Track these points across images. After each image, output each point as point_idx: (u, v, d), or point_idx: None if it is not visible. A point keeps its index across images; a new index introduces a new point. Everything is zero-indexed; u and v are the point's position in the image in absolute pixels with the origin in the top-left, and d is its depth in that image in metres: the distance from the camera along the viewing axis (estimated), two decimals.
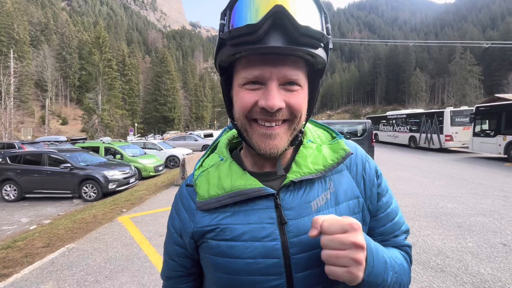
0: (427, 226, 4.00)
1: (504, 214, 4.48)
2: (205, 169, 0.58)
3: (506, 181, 7.03)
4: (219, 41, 0.47)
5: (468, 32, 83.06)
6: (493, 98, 20.70)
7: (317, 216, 0.44)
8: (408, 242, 0.62)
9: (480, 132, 11.79)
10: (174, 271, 0.62)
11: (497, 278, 2.63)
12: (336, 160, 0.54)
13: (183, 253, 0.58)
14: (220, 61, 0.48)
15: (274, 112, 0.45)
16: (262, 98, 0.45)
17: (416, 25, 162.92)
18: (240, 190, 0.51)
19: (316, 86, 0.53)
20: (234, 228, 0.50)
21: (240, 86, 0.48)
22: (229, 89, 0.53)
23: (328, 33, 0.45)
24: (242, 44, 0.43)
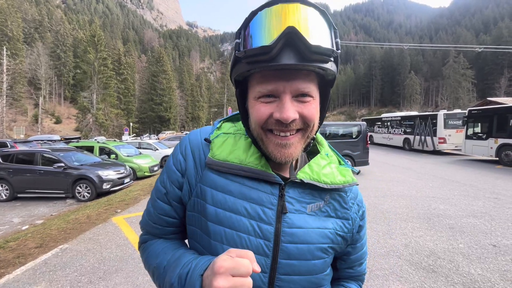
0: (420, 227, 4.06)
1: (495, 216, 4.57)
2: (226, 132, 0.60)
3: (497, 183, 7.17)
4: (234, 58, 0.50)
5: (461, 36, 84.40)
6: (485, 101, 21.08)
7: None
8: (365, 270, 0.71)
9: (473, 135, 12.01)
10: (165, 215, 0.60)
11: (487, 279, 2.68)
12: (343, 183, 0.59)
13: (179, 197, 0.58)
14: (236, 75, 0.52)
15: (289, 123, 0.48)
16: (277, 111, 0.48)
17: (411, 29, 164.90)
18: (253, 168, 0.54)
19: (326, 95, 0.56)
20: (235, 202, 0.53)
21: (255, 99, 0.51)
22: (244, 101, 0.56)
23: (338, 48, 0.47)
24: (257, 62, 0.46)
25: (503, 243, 3.50)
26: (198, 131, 0.63)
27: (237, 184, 0.54)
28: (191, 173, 0.57)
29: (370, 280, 2.65)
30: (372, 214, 4.68)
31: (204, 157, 0.57)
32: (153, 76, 58.29)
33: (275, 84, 0.48)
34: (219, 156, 0.55)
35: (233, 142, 0.57)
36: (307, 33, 0.43)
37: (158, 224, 0.61)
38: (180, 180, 0.58)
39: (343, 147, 8.97)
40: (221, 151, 0.56)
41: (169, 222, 0.61)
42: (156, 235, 0.63)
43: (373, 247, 3.40)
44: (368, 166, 9.32)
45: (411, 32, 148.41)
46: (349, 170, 0.62)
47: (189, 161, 0.58)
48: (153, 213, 0.61)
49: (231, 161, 0.54)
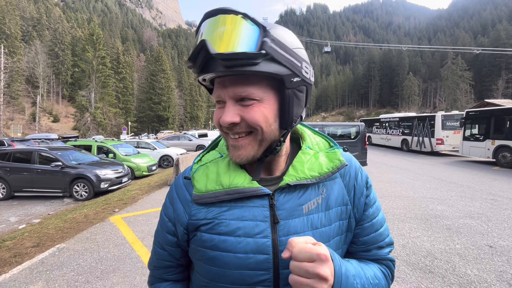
0: (417, 228, 4.08)
1: (491, 217, 4.60)
2: (204, 163, 0.60)
3: (494, 185, 7.22)
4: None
5: (460, 38, 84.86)
6: (483, 103, 21.20)
7: (292, 238, 0.46)
8: (392, 257, 0.64)
9: (470, 136, 12.07)
10: (163, 260, 0.63)
11: (483, 279, 2.70)
12: (331, 169, 0.57)
13: (175, 242, 0.60)
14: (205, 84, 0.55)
15: (232, 126, 0.50)
16: (221, 113, 0.51)
17: (409, 30, 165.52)
18: (238, 188, 0.53)
19: (283, 96, 0.51)
20: (229, 223, 0.53)
21: (216, 105, 0.54)
22: None
23: (262, 48, 0.45)
24: (195, 69, 0.49)
25: (500, 244, 3.52)
26: (181, 174, 0.64)
27: (227, 207, 0.54)
28: (181, 215, 0.58)
29: None
30: None
31: (189, 195, 0.58)
32: (151, 75, 58.16)
33: (219, 91, 0.51)
34: (202, 189, 0.55)
35: (214, 169, 0.57)
36: (220, 43, 0.44)
37: (159, 267, 0.65)
38: (171, 229, 0.60)
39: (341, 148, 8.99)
40: (202, 183, 0.56)
41: (167, 265, 0.64)
42: (160, 277, 0.66)
43: None
44: (366, 167, 9.34)
45: (409, 34, 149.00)
46: (336, 152, 0.60)
47: (177, 206, 0.60)
48: (154, 259, 0.66)
49: (214, 189, 0.54)
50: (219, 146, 0.64)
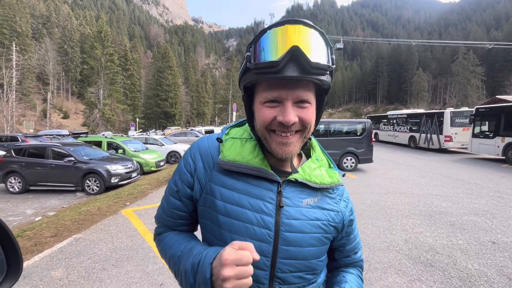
0: (420, 224, 4.13)
1: (496, 214, 4.61)
2: (234, 137, 0.69)
3: (502, 182, 7.16)
4: (244, 68, 0.60)
5: (472, 32, 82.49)
6: (494, 99, 20.71)
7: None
8: (362, 257, 0.81)
9: (479, 133, 11.89)
10: (178, 210, 0.71)
11: (483, 273, 2.77)
12: (330, 183, 0.69)
13: (190, 195, 0.69)
14: (245, 83, 0.61)
15: (290, 125, 0.57)
16: (280, 114, 0.57)
17: (420, 24, 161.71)
18: (258, 167, 0.64)
19: (322, 102, 0.65)
20: (241, 197, 0.63)
21: (261, 104, 0.60)
22: (250, 104, 0.65)
23: (333, 63, 0.57)
24: (265, 73, 0.55)
25: (503, 240, 3.56)
26: (206, 138, 0.72)
27: (242, 182, 0.63)
28: (200, 173, 0.67)
29: (369, 273, 2.76)
30: (374, 211, 4.77)
31: (212, 159, 0.67)
32: (158, 72, 58.62)
33: (279, 91, 0.57)
34: (228, 157, 0.64)
35: (240, 145, 0.67)
36: (308, 51, 0.52)
37: (170, 217, 0.72)
38: (190, 180, 0.68)
39: (348, 144, 9.02)
40: (230, 152, 0.65)
41: (180, 216, 0.71)
42: (169, 227, 0.73)
43: (373, 241, 3.50)
44: (373, 164, 9.36)
45: (419, 28, 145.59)
46: (336, 173, 0.72)
47: (198, 163, 0.68)
48: (166, 207, 0.72)
49: (239, 161, 0.63)
50: (247, 128, 0.72)
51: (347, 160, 9.04)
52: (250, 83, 0.61)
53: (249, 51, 0.57)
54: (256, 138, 0.66)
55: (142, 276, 2.68)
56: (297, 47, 0.51)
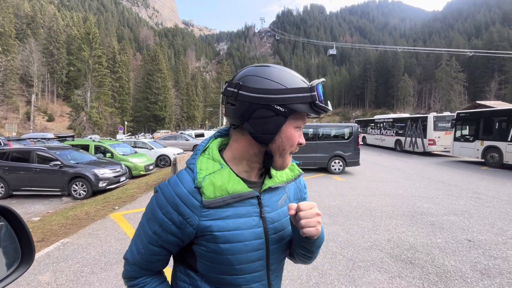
0: (403, 224, 4.32)
1: (474, 214, 4.87)
2: (209, 173, 0.72)
3: (481, 184, 7.52)
4: (303, 99, 0.67)
5: (454, 40, 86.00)
6: (474, 104, 21.64)
7: (290, 203, 0.70)
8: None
9: (460, 137, 12.43)
10: (157, 255, 0.73)
11: (458, 269, 2.94)
12: (293, 177, 0.84)
13: (176, 241, 0.71)
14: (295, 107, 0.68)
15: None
16: (301, 138, 0.73)
17: (405, 31, 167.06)
18: (238, 193, 0.72)
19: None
20: (235, 221, 0.71)
21: (294, 128, 0.71)
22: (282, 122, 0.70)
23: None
24: (320, 110, 0.69)
25: (478, 238, 3.78)
26: (178, 182, 0.71)
27: (230, 208, 0.70)
28: (189, 218, 0.68)
29: (353, 271, 2.88)
30: (359, 212, 4.93)
31: (196, 201, 0.69)
32: (148, 74, 57.99)
33: (305, 122, 0.74)
34: (211, 196, 0.69)
35: (219, 178, 0.70)
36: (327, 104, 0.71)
37: (148, 261, 0.74)
38: (173, 229, 0.69)
39: (335, 148, 9.25)
40: (210, 191, 0.69)
41: (159, 259, 0.74)
42: (144, 269, 0.75)
43: (358, 241, 3.65)
44: (360, 167, 9.62)
45: (405, 35, 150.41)
46: (295, 165, 0.86)
47: (183, 211, 0.68)
48: (144, 253, 0.72)
49: (222, 195, 0.69)
50: (213, 156, 0.75)
51: (335, 163, 9.25)
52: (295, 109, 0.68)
53: (312, 92, 0.68)
54: (261, 151, 0.73)
55: None
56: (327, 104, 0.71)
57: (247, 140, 0.72)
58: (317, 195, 6.08)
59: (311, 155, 9.13)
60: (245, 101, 0.68)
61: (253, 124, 0.69)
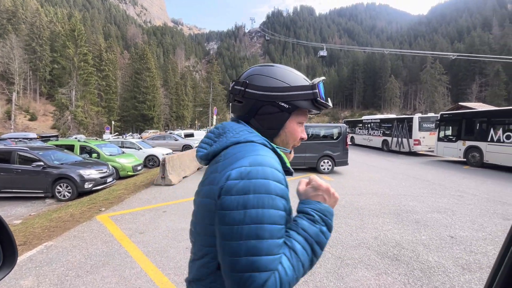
0: (389, 222, 4.43)
1: (456, 211, 5.05)
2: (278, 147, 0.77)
3: (462, 182, 7.81)
4: (306, 96, 0.74)
5: (438, 43, 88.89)
6: (457, 106, 22.44)
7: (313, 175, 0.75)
8: None
9: (444, 137, 12.85)
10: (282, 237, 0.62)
11: (441, 265, 3.05)
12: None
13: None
14: (299, 104, 0.74)
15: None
16: (303, 133, 0.81)
17: (392, 34, 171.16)
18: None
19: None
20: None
21: (297, 123, 0.78)
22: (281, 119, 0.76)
23: None
24: (321, 107, 0.76)
25: (460, 235, 3.92)
26: (269, 169, 0.62)
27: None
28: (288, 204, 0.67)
29: (341, 268, 2.93)
30: (348, 211, 5.02)
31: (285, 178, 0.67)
32: (136, 73, 56.88)
33: (306, 118, 0.80)
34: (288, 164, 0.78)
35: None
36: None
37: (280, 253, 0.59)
38: (283, 214, 0.62)
39: (324, 148, 9.37)
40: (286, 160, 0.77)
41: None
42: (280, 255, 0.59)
43: (346, 239, 3.71)
44: (348, 166, 9.78)
45: (392, 38, 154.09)
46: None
47: (287, 196, 0.65)
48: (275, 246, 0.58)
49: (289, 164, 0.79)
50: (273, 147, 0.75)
51: (324, 163, 9.37)
52: (298, 106, 0.74)
53: (314, 89, 0.74)
54: (271, 143, 0.74)
55: (119, 281, 2.65)
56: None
57: None
58: None
59: (301, 155, 9.22)
60: (251, 99, 0.72)
61: (259, 120, 0.74)
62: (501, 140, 9.96)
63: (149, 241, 3.66)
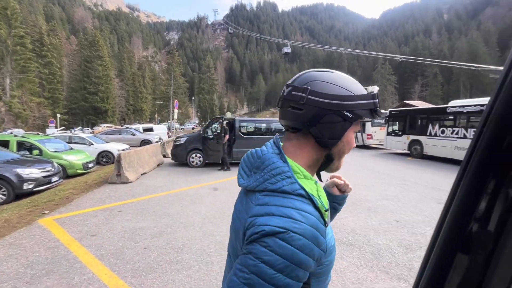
0: (345, 210, 4.75)
1: (401, 198, 5.63)
2: (317, 194, 0.66)
3: (407, 172, 8.72)
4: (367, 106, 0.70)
5: (388, 46, 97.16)
6: (403, 104, 24.87)
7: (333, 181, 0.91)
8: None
9: (392, 132, 14.19)
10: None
11: (388, 246, 3.37)
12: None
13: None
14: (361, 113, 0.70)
15: None
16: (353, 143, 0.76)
17: (348, 35, 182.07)
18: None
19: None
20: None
21: (353, 132, 0.73)
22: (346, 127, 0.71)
23: None
24: (377, 117, 0.73)
25: (404, 219, 4.39)
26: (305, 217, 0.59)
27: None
28: (324, 244, 0.61)
29: None
30: None
31: (323, 225, 0.62)
32: (86, 61, 51.62)
33: (360, 127, 0.76)
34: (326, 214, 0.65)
35: (323, 195, 0.67)
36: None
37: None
38: (312, 266, 0.60)
39: None
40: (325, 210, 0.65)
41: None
42: None
43: None
44: None
45: (348, 38, 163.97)
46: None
47: (320, 240, 0.60)
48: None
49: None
50: (302, 172, 0.68)
51: None
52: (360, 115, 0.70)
53: (374, 99, 0.72)
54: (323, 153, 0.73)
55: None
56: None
57: (312, 145, 0.71)
58: None
59: None
60: (314, 106, 0.67)
61: (321, 129, 0.69)
62: (437, 134, 11.34)
63: (103, 243, 3.38)
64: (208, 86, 42.03)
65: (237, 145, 9.17)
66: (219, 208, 4.74)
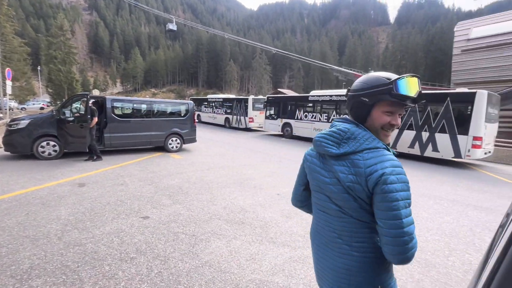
0: (234, 191, 4.94)
1: (279, 174, 6.44)
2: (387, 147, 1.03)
3: (281, 150, 10.11)
4: (381, 91, 0.98)
5: (264, 38, 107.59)
6: (276, 91, 28.59)
7: None
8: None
9: (269, 116, 16.01)
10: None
11: (273, 218, 3.76)
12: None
13: None
14: (377, 98, 1.00)
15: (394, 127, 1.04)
16: (393, 120, 1.02)
17: (230, 21, 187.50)
18: None
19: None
20: None
21: (382, 112, 1.01)
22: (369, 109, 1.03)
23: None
24: (402, 100, 0.98)
25: (283, 191, 5.03)
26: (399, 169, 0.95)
27: None
28: None
29: (195, 246, 2.91)
30: (198, 187, 5.10)
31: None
32: None
33: (396, 108, 1.02)
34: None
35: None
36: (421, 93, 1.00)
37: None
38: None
39: (172, 125, 8.97)
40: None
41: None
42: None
43: (198, 215, 3.75)
44: (196, 143, 9.99)
45: (230, 24, 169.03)
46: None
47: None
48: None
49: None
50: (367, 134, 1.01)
51: (172, 141, 9.00)
52: (378, 99, 1.00)
53: (391, 84, 0.97)
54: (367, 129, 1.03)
55: None
56: (420, 92, 0.99)
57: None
58: (155, 176, 5.66)
59: (146, 133, 8.32)
60: (349, 98, 1.07)
61: (352, 112, 1.07)
62: (301, 118, 13.74)
63: None
64: (64, 54, 32.48)
65: (109, 130, 7.66)
66: (89, 208, 3.78)
